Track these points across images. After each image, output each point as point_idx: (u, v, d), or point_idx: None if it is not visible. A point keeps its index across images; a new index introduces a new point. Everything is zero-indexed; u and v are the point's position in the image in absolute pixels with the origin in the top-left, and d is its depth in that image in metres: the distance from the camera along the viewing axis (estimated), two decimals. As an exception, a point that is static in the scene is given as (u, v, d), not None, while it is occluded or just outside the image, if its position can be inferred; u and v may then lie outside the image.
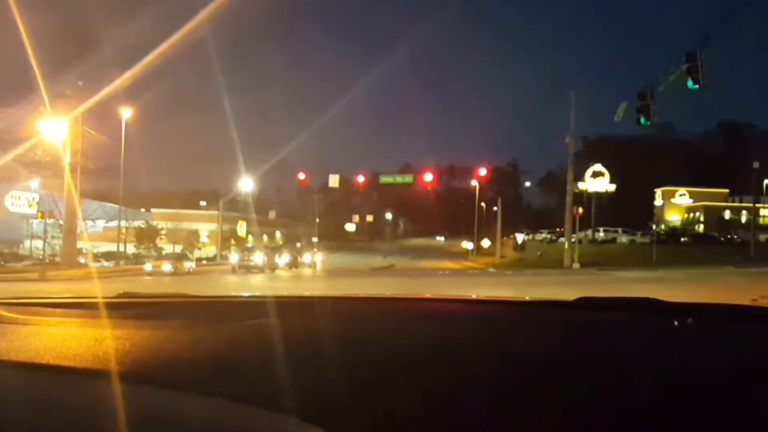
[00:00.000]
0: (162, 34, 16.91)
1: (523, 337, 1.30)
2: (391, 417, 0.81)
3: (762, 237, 50.78)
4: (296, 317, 1.61)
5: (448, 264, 52.82)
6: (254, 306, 1.73)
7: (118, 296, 1.97)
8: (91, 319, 1.52)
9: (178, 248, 47.39)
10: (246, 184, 43.20)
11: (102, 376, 0.92)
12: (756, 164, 45.89)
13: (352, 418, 0.79)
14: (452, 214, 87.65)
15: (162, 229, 48.75)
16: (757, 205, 53.85)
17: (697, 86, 19.71)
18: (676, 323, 1.39)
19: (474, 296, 2.37)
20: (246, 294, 2.83)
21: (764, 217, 61.88)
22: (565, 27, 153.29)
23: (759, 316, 1.49)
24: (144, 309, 1.75)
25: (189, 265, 37.24)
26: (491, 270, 38.76)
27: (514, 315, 1.78)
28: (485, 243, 62.43)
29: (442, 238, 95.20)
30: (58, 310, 1.70)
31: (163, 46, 15.71)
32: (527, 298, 2.11)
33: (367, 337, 1.27)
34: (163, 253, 43.62)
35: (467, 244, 68.80)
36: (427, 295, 2.73)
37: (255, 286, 24.03)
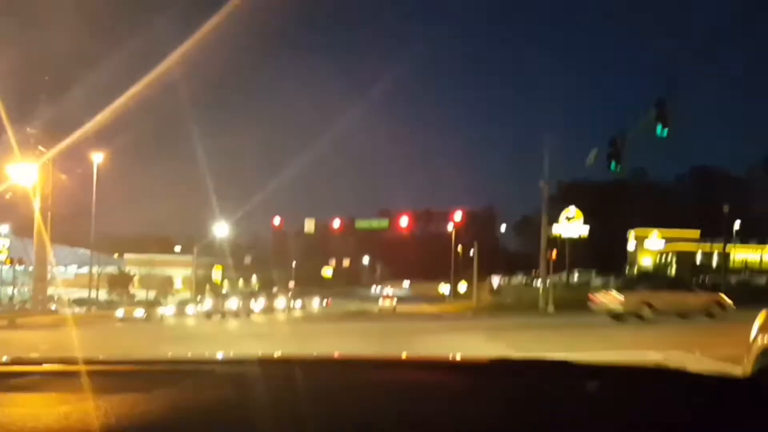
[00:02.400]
0: (133, 77, 16.97)
1: (430, 403, 1.29)
2: None
3: (733, 280, 51.53)
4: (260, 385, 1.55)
5: (426, 308, 52.60)
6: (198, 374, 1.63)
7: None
8: None
9: (152, 294, 46.65)
10: (221, 229, 42.94)
11: None
12: (726, 208, 46.86)
13: None
14: (429, 258, 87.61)
15: (135, 275, 48.08)
16: (728, 246, 54.76)
17: (666, 132, 20.23)
18: (583, 387, 1.40)
19: (403, 356, 2.24)
20: (194, 357, 2.57)
21: (735, 260, 62.88)
22: (540, 75, 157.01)
23: (665, 377, 1.52)
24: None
25: (163, 311, 36.62)
26: (468, 315, 38.72)
27: (415, 378, 1.73)
28: (462, 287, 62.44)
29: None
30: None
31: (135, 89, 15.75)
32: (456, 356, 2.09)
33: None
34: (135, 299, 42.90)
35: (444, 288, 68.78)
36: (336, 354, 2.57)
37: (227, 333, 23.73)
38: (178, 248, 61.42)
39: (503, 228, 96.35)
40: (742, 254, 65.20)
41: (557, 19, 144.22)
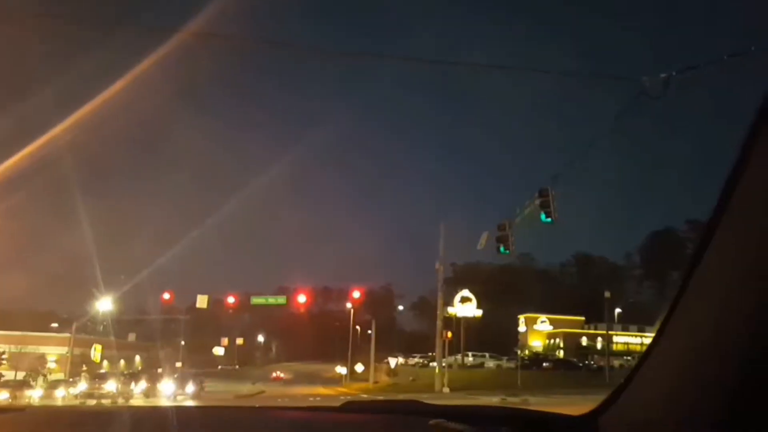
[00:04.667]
0: (18, 142, 16.09)
1: None
2: None
3: (616, 362, 54.08)
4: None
5: (321, 390, 51.26)
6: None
7: None
8: None
9: (21, 375, 42.62)
10: (104, 305, 40.29)
11: None
12: (607, 294, 49.59)
13: None
14: (327, 337, 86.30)
15: (3, 352, 44.01)
16: (611, 332, 57.67)
17: (549, 220, 21.25)
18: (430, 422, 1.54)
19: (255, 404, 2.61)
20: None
21: (617, 343, 66.11)
22: (437, 160, 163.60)
23: (503, 415, 1.69)
24: None
25: (31, 393, 33.34)
26: (363, 396, 38.04)
27: (284, 419, 1.86)
28: (359, 368, 61.57)
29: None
30: None
31: (19, 154, 14.85)
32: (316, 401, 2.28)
33: None
34: (1, 380, 38.93)
35: (341, 369, 67.51)
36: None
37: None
38: (55, 325, 57.03)
39: (401, 308, 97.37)
40: (624, 338, 68.80)
41: (455, 107, 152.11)
